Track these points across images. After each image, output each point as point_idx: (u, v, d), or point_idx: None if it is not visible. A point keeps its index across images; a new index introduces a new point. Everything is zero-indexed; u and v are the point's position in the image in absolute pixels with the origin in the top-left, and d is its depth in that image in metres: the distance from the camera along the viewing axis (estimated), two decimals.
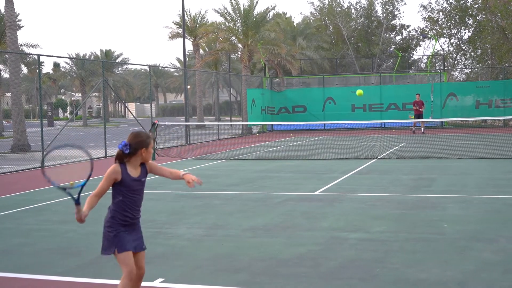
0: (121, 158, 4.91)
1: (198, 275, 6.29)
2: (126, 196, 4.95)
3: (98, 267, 6.75)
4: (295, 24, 54.23)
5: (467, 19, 46.97)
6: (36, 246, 7.85)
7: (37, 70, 27.16)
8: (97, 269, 6.66)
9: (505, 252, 6.82)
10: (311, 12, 56.80)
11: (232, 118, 45.85)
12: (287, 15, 56.08)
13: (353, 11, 54.97)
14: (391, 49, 52.25)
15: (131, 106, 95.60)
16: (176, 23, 48.24)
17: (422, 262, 6.52)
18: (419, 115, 29.68)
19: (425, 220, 8.73)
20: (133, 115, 28.90)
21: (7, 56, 30.38)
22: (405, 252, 6.99)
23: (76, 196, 5.01)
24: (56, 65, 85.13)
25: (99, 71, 57.19)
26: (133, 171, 4.96)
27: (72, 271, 6.63)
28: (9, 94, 37.03)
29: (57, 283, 6.27)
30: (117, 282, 5.98)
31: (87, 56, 74.62)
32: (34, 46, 44.53)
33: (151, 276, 6.19)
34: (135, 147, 4.85)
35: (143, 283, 5.99)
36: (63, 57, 44.14)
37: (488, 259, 6.57)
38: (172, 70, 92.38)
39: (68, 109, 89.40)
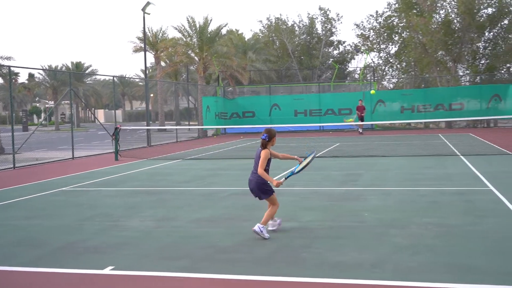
0: (265, 144, 7.12)
1: (145, 263, 6.20)
2: (268, 165, 7.20)
3: (58, 257, 6.58)
4: (246, 39, 54.18)
5: (393, 36, 47.87)
6: (0, 240, 7.60)
7: (10, 81, 26.26)
8: (57, 260, 6.48)
9: (414, 237, 6.96)
10: (260, 29, 56.77)
11: (191, 123, 45.50)
12: (239, 32, 55.98)
13: (296, 28, 55.22)
14: (329, 62, 52.85)
15: (101, 112, 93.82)
16: (139, 38, 47.68)
17: (343, 246, 6.60)
18: (362, 118, 30.37)
19: (349, 210, 8.84)
20: (98, 121, 28.49)
21: None
22: (329, 238, 7.07)
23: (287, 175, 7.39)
24: (31, 76, 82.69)
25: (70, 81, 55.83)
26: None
27: (33, 261, 6.44)
28: None
29: (19, 273, 6.06)
30: (76, 271, 5.93)
31: (59, 67, 72.94)
32: (8, 58, 43.17)
33: (102, 264, 6.09)
34: (270, 136, 7.14)
35: (93, 271, 5.92)
36: (33, 68, 42.99)
37: (400, 243, 6.68)
38: (137, 80, 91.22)
39: (42, 115, 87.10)
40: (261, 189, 7.14)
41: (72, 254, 6.68)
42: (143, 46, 33.71)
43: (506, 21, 39.82)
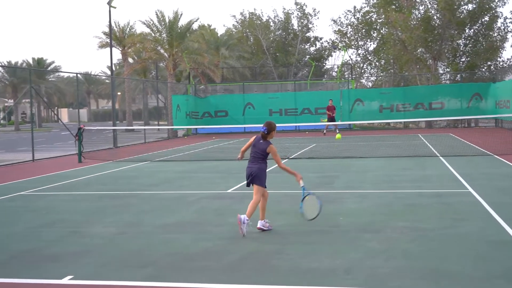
0: (265, 137, 7.78)
1: (106, 271, 6.13)
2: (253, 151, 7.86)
3: (13, 266, 6.46)
4: (218, 35, 54.11)
5: (372, 33, 48.33)
6: None
7: None
8: (12, 269, 6.36)
9: (389, 242, 7.02)
10: (233, 25, 56.78)
11: (160, 123, 45.24)
12: (212, 27, 55.87)
13: (271, 24, 55.41)
14: (306, 59, 53.12)
15: (64, 112, 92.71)
16: (105, 33, 47.26)
17: (316, 252, 6.63)
18: (331, 119, 30.35)
19: (324, 214, 8.81)
20: (61, 121, 28.11)
21: None
22: (301, 243, 7.09)
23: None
24: None
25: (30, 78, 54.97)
26: None
27: None
28: None
29: None
30: (32, 281, 5.84)
31: (19, 64, 71.72)
32: None
33: (60, 274, 6.00)
34: (269, 130, 7.76)
35: (51, 281, 5.84)
36: None
37: (374, 248, 6.74)
38: (104, 77, 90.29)
39: (1, 114, 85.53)
40: (260, 174, 7.71)
41: (29, 263, 6.58)
42: (109, 41, 33.42)
43: (486, 18, 40.54)
